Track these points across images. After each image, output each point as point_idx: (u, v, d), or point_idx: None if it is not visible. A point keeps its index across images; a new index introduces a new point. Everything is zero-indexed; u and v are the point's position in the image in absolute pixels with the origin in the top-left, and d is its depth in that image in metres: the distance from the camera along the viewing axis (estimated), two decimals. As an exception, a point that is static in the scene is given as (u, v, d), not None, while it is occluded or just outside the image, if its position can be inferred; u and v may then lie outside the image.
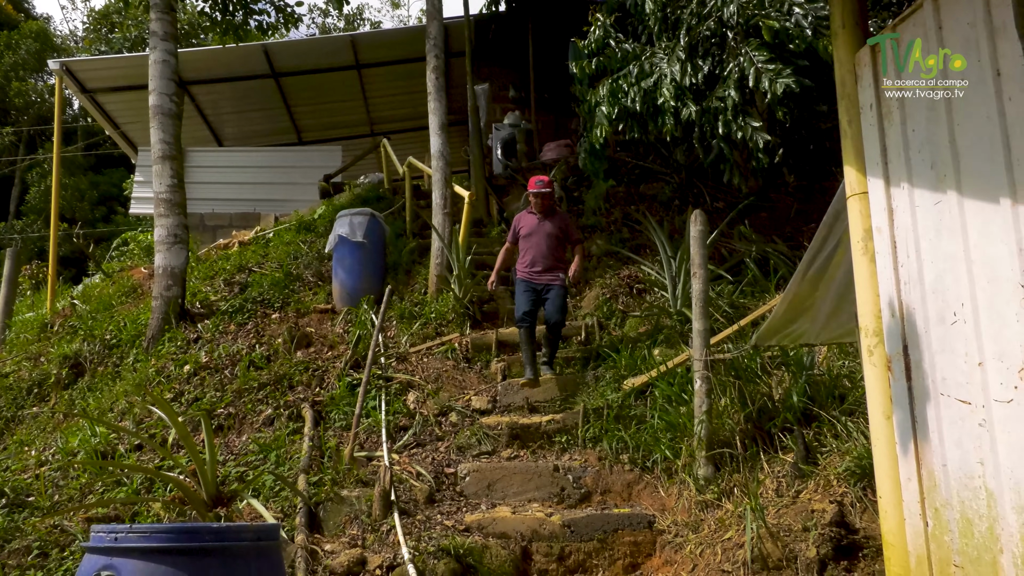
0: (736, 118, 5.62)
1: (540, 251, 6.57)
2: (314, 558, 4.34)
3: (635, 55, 6.15)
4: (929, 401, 2.76)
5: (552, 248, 6.60)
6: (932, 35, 2.68)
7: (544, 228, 6.63)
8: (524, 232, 6.72)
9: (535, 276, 6.54)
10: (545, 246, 6.59)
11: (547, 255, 6.56)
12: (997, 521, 2.46)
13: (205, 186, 12.61)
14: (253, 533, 2.43)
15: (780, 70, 5.38)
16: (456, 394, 6.36)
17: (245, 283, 8.59)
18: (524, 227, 6.73)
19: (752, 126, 5.58)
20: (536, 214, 6.72)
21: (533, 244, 6.61)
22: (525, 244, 6.68)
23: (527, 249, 6.65)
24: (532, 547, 4.64)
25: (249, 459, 5.43)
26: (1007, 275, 2.41)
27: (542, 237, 6.61)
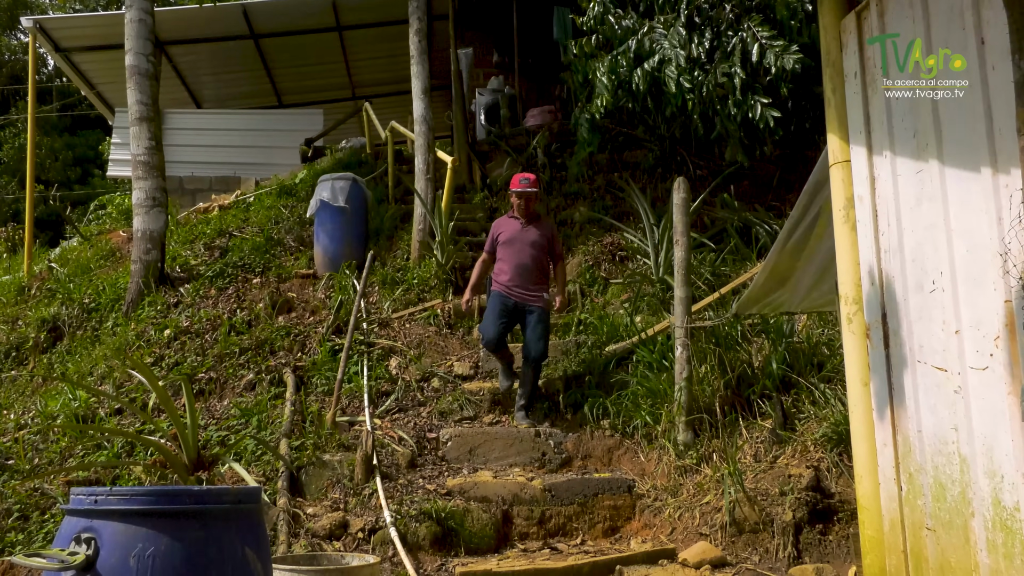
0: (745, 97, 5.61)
1: (520, 262, 5.64)
2: (296, 521, 4.36)
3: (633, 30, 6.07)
4: (906, 368, 2.79)
5: (535, 260, 5.68)
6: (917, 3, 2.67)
7: (527, 236, 5.72)
8: (504, 238, 5.76)
9: (512, 291, 5.62)
10: (527, 257, 5.65)
11: (529, 268, 5.64)
12: (969, 486, 2.51)
13: (184, 149, 12.42)
14: (234, 496, 2.43)
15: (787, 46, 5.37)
16: (438, 360, 6.38)
17: (226, 248, 8.51)
18: (504, 233, 5.80)
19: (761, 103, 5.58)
20: (518, 218, 5.79)
21: (513, 253, 5.69)
22: (504, 252, 5.74)
23: (505, 259, 5.71)
24: (513, 511, 4.69)
25: (231, 424, 5.43)
26: (986, 244, 2.44)
27: (524, 246, 5.69)
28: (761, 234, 7.16)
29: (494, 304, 5.67)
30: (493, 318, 5.63)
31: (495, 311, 5.64)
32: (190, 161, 12.52)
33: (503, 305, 5.62)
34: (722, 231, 7.50)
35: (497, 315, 5.62)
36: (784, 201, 7.97)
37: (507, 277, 5.66)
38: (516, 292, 5.62)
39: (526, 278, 5.64)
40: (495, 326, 5.60)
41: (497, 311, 5.63)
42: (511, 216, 5.89)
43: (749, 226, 7.39)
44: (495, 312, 5.63)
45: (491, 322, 5.62)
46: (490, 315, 5.67)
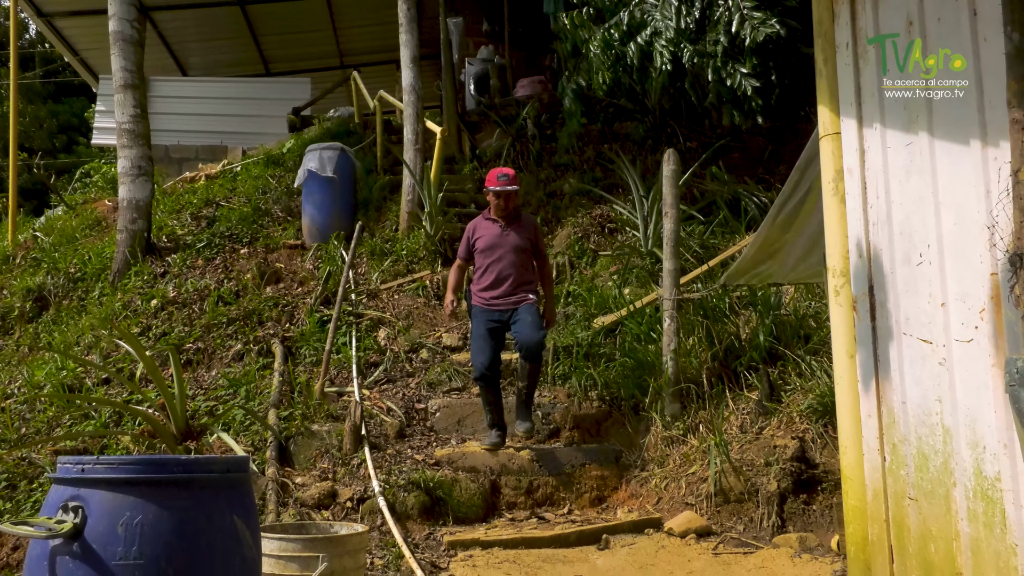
0: (725, 64, 5.59)
1: (503, 271, 4.99)
2: (285, 490, 4.38)
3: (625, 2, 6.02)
4: (892, 340, 2.81)
5: (519, 266, 5.03)
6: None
7: (508, 240, 5.04)
8: (482, 244, 5.08)
9: (498, 303, 4.97)
10: (510, 264, 5.01)
11: (514, 277, 5.00)
12: (952, 456, 2.54)
13: (170, 117, 12.27)
14: (223, 465, 2.44)
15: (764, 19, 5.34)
16: (427, 331, 6.38)
17: (213, 217, 8.45)
18: (482, 238, 5.10)
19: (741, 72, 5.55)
20: (496, 220, 5.10)
21: (494, 262, 5.02)
22: (483, 260, 5.06)
23: (486, 267, 5.04)
24: (501, 481, 4.72)
25: (219, 394, 5.43)
26: (973, 217, 2.44)
27: (506, 252, 5.02)
28: (750, 207, 7.16)
29: (479, 324, 4.98)
30: (481, 342, 4.91)
31: (482, 333, 4.94)
32: (176, 130, 12.38)
33: (489, 321, 4.97)
34: (711, 203, 7.50)
35: (485, 337, 4.92)
36: (773, 174, 7.97)
37: (489, 289, 5.02)
38: (501, 303, 4.99)
39: (512, 287, 5.00)
40: (486, 352, 4.88)
41: (484, 332, 4.94)
42: (487, 217, 5.17)
43: (738, 199, 7.38)
44: (482, 334, 4.93)
45: (480, 347, 4.90)
46: (477, 339, 4.95)
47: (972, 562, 2.45)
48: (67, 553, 2.15)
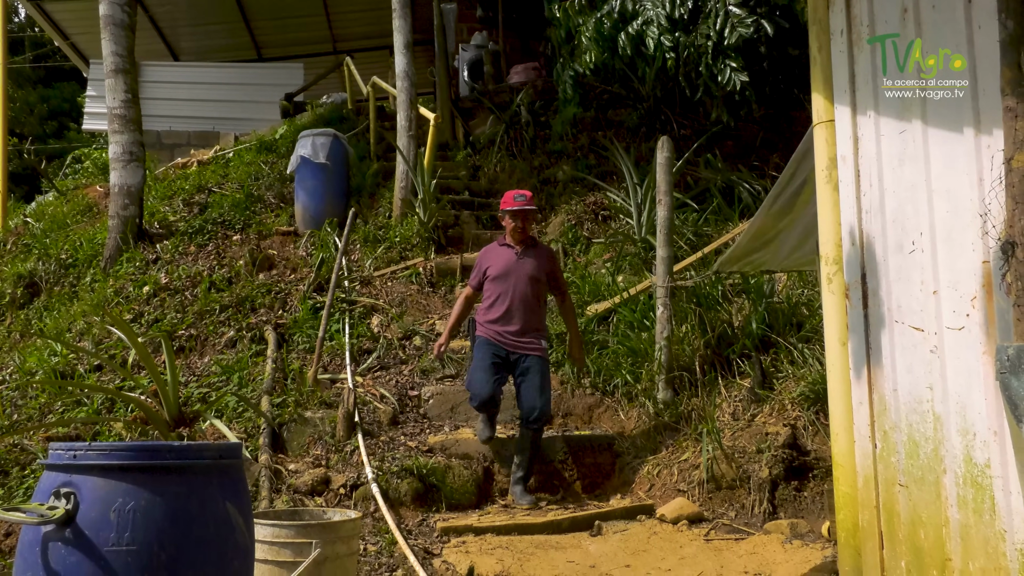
0: (716, 60, 5.60)
1: (515, 302, 4.66)
2: (278, 477, 4.39)
3: None
4: (884, 328, 2.82)
5: (533, 298, 4.71)
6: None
7: (523, 268, 4.71)
8: (494, 272, 4.75)
9: (505, 337, 4.65)
10: (523, 295, 4.67)
11: (525, 310, 4.67)
12: (942, 443, 2.56)
13: (161, 102, 12.18)
14: (215, 451, 2.44)
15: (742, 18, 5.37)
16: (420, 318, 6.37)
17: (205, 204, 8.41)
18: (494, 265, 4.77)
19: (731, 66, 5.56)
20: (512, 246, 4.79)
21: (506, 291, 4.68)
22: (494, 289, 4.73)
23: (496, 296, 4.71)
24: (494, 467, 4.74)
25: (211, 380, 5.42)
26: (966, 205, 2.44)
27: (520, 281, 4.69)
28: (744, 194, 7.16)
29: (483, 354, 4.66)
30: (484, 373, 4.60)
31: (485, 363, 4.63)
32: (168, 115, 12.30)
33: (495, 356, 4.64)
34: (705, 191, 7.50)
35: (489, 368, 4.61)
36: (767, 162, 7.96)
37: (499, 320, 4.68)
38: (509, 339, 4.65)
39: (522, 321, 4.66)
40: (488, 383, 4.56)
41: (488, 363, 4.62)
42: (503, 244, 4.85)
43: (732, 186, 7.38)
44: (485, 364, 4.62)
45: (482, 378, 4.59)
46: (480, 369, 4.64)
47: (961, 548, 2.47)
48: (59, 539, 2.15)
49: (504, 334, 4.67)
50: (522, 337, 4.66)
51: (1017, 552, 2.27)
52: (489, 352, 4.67)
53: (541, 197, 8.14)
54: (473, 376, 4.68)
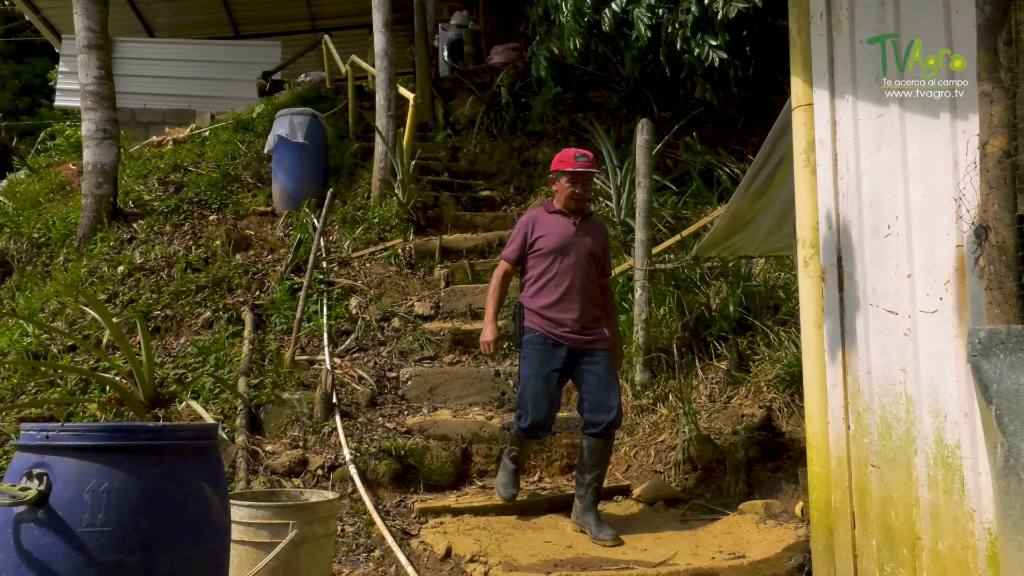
0: (695, 35, 5.57)
1: (576, 283, 3.89)
2: (255, 458, 4.37)
3: None
4: (859, 311, 2.85)
5: (591, 284, 3.97)
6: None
7: (584, 243, 3.96)
8: (550, 244, 3.94)
9: (565, 336, 3.84)
10: (583, 276, 3.92)
11: (587, 294, 3.92)
12: (914, 424, 2.60)
13: (136, 79, 12.00)
14: (191, 432, 2.42)
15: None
16: (399, 300, 6.35)
17: (181, 183, 8.31)
18: (548, 235, 3.96)
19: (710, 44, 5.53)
20: (567, 215, 4.01)
21: (565, 269, 3.90)
22: (547, 266, 3.92)
23: (551, 276, 3.91)
24: (472, 448, 4.75)
25: (188, 361, 5.38)
26: (941, 189, 2.47)
27: (581, 258, 3.93)
28: (723, 177, 7.18)
29: (540, 360, 3.82)
30: (540, 387, 3.79)
31: (543, 373, 3.79)
32: (142, 92, 12.12)
33: (554, 359, 3.83)
34: (685, 174, 7.52)
35: (550, 377, 3.80)
36: (747, 145, 7.99)
37: (554, 306, 3.86)
38: (570, 335, 3.83)
39: (584, 307, 3.89)
40: (545, 401, 3.78)
41: (548, 370, 3.80)
42: (553, 211, 4.04)
43: (711, 169, 7.40)
44: (543, 374, 3.80)
45: (540, 391, 3.78)
46: (536, 379, 3.80)
47: (931, 527, 2.51)
48: (32, 520, 2.13)
49: (563, 331, 3.84)
50: (585, 327, 3.88)
51: (985, 531, 2.31)
52: (547, 355, 3.81)
53: (521, 179, 8.13)
54: (528, 387, 3.80)
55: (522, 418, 3.85)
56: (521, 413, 3.87)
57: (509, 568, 3.36)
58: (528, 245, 4.01)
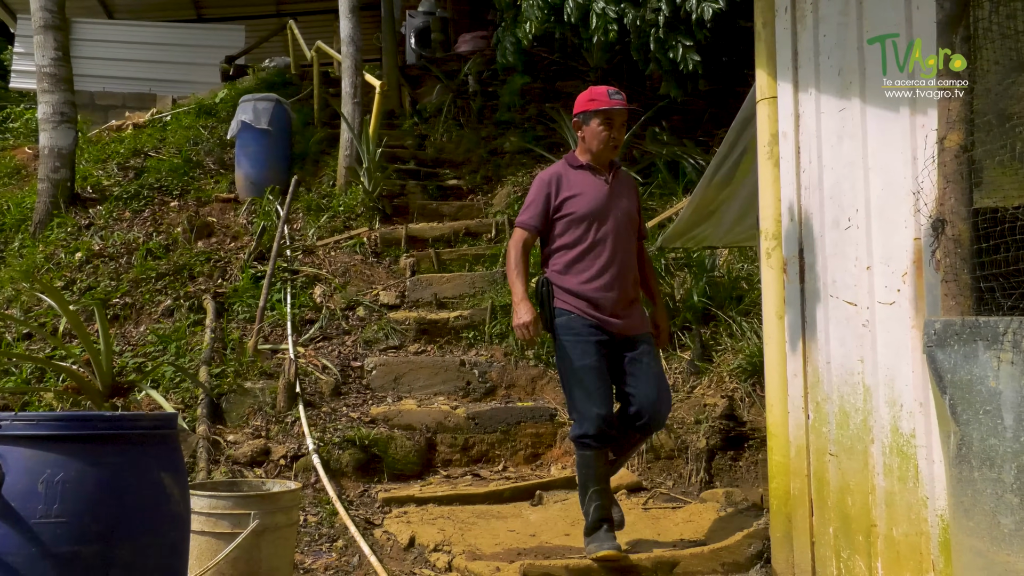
0: (668, 36, 5.58)
1: (616, 254, 3.25)
2: (216, 448, 4.32)
3: None
4: (819, 302, 2.89)
5: (631, 253, 3.36)
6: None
7: (620, 204, 3.32)
8: (581, 207, 3.24)
9: (609, 318, 3.20)
10: (625, 245, 3.31)
11: (626, 267, 3.30)
12: (871, 414, 2.64)
13: (95, 62, 11.73)
14: (150, 421, 2.39)
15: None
16: (364, 289, 6.31)
17: (141, 168, 8.16)
18: (579, 196, 3.26)
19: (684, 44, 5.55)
20: (596, 171, 3.33)
21: (603, 237, 3.24)
22: (579, 235, 3.23)
23: (586, 245, 3.23)
24: (437, 438, 4.74)
25: (147, 350, 5.30)
26: (900, 182, 2.51)
27: (621, 223, 3.29)
28: (688, 169, 7.23)
29: (583, 344, 3.14)
30: (595, 378, 3.11)
31: (593, 363, 3.12)
32: (101, 75, 11.85)
33: (600, 343, 3.17)
34: (651, 165, 7.55)
35: (600, 368, 3.13)
36: (713, 137, 8.04)
37: (591, 282, 3.18)
38: (611, 319, 3.20)
39: (626, 283, 3.26)
40: (604, 394, 3.13)
41: (596, 360, 3.13)
42: (579, 166, 3.34)
43: (677, 161, 7.45)
44: (594, 364, 3.13)
45: (594, 385, 3.11)
46: (585, 371, 3.12)
47: (886, 514, 2.57)
48: (-16, 512, 2.09)
49: (603, 307, 3.17)
50: (627, 309, 3.25)
51: (938, 518, 2.37)
52: (592, 341, 3.14)
53: (489, 168, 8.10)
54: (579, 381, 3.12)
55: (578, 424, 3.07)
56: (579, 418, 3.08)
57: (473, 557, 3.36)
58: (553, 209, 3.25)
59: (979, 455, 1.92)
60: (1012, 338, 1.83)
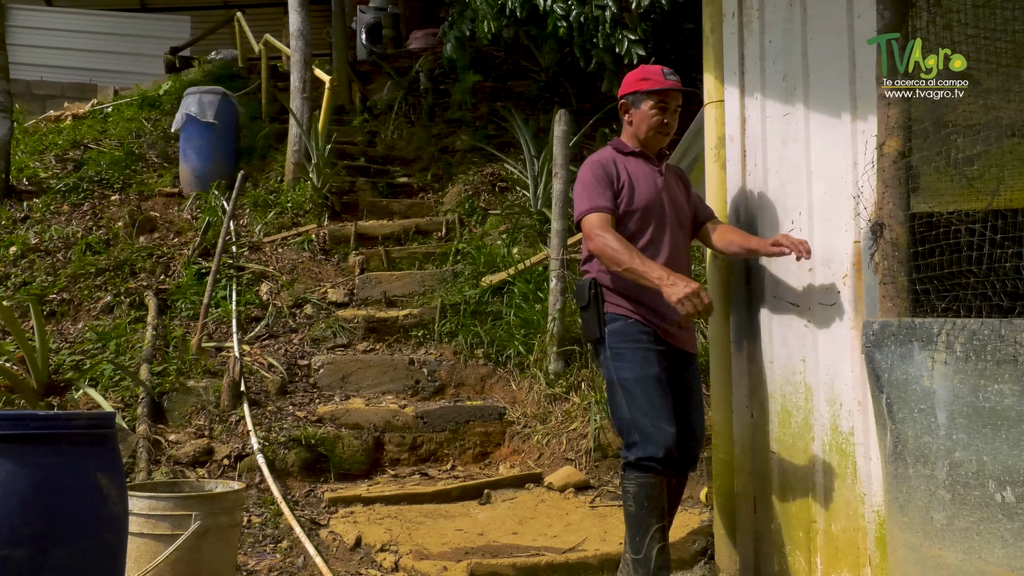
0: (614, 31, 5.64)
1: (672, 255, 2.83)
2: (157, 448, 4.22)
3: None
4: (763, 303, 2.94)
5: (688, 253, 3.01)
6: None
7: (676, 198, 2.92)
8: (638, 202, 2.81)
9: (669, 327, 2.80)
10: (681, 245, 2.92)
11: (683, 266, 2.90)
12: (812, 412, 2.70)
13: (32, 50, 11.37)
14: (86, 421, 2.32)
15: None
16: (312, 286, 6.23)
17: (81, 160, 7.93)
18: (636, 189, 2.82)
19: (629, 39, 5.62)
20: (649, 160, 2.92)
21: (657, 238, 2.83)
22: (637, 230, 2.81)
23: (643, 246, 2.77)
24: (385, 437, 4.70)
25: (86, 348, 5.15)
26: (841, 187, 2.57)
27: (676, 220, 2.89)
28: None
29: (642, 354, 2.72)
30: (659, 392, 2.68)
31: (652, 373, 2.69)
32: (39, 64, 11.50)
33: (661, 354, 2.77)
34: (601, 166, 7.60)
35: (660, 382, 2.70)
36: (661, 139, 8.13)
37: (654, 292, 2.65)
38: (671, 329, 2.82)
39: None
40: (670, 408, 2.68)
41: (659, 371, 2.71)
42: (628, 151, 2.92)
43: (627, 162, 7.50)
44: (653, 374, 2.70)
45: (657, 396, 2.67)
46: (645, 383, 2.68)
47: (825, 510, 2.63)
48: (-93, 515, 2.00)
49: (662, 315, 2.76)
50: (685, 330, 2.89)
51: (874, 513, 2.43)
52: (654, 350, 2.74)
53: (439, 166, 8.07)
54: (637, 395, 2.67)
55: (641, 445, 2.63)
56: (642, 437, 2.63)
57: (420, 556, 3.35)
58: (618, 194, 2.82)
59: (913, 452, 1.98)
60: (946, 339, 1.89)
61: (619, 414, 2.72)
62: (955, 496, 1.84)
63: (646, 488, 2.63)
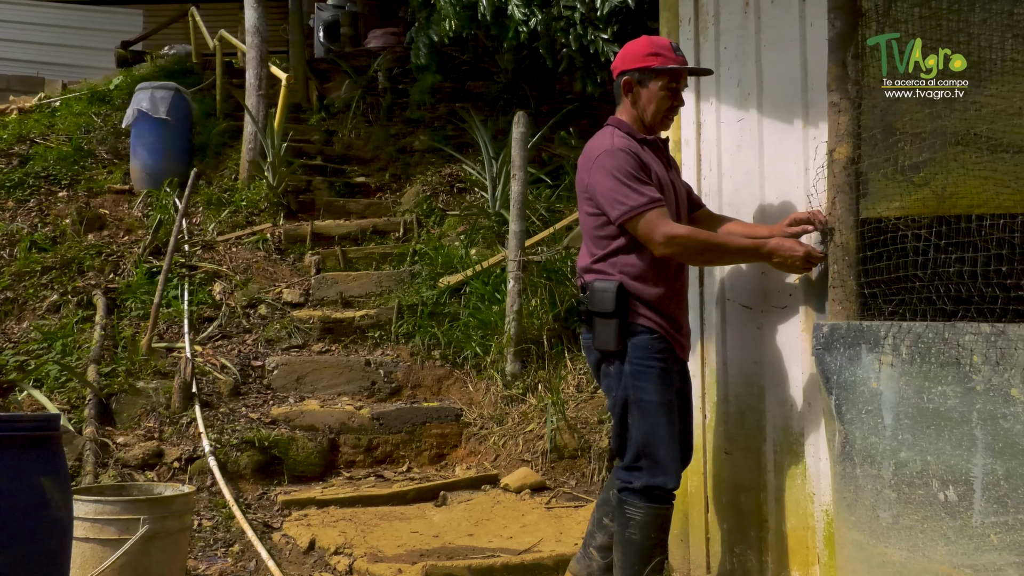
0: (586, 31, 5.70)
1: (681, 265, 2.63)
2: (105, 451, 4.13)
3: None
4: (717, 306, 2.98)
5: None
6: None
7: (681, 193, 2.73)
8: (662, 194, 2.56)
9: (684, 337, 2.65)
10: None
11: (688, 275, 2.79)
12: (764, 414, 2.75)
13: (-24, 41, 11.06)
14: (30, 423, 2.27)
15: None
16: (267, 286, 6.14)
17: (27, 156, 7.71)
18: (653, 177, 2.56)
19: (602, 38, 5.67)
20: (658, 148, 2.70)
21: None
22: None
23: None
24: (340, 439, 4.66)
25: (31, 348, 5.01)
26: (794, 192, 2.62)
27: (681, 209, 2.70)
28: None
29: (667, 376, 2.53)
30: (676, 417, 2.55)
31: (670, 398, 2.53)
32: (-17, 55, 11.16)
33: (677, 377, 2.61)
34: (559, 168, 7.63)
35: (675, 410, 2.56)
36: (619, 142, 8.19)
37: (676, 303, 2.59)
38: (685, 340, 2.66)
39: (687, 295, 2.74)
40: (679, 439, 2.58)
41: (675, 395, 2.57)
42: (641, 138, 2.64)
43: (585, 165, 7.54)
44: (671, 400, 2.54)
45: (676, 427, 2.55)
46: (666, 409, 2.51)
47: (776, 510, 2.67)
48: None
49: (681, 327, 2.63)
50: (687, 327, 2.73)
51: (823, 512, 2.48)
52: (674, 370, 2.58)
53: (397, 166, 8.02)
54: (660, 422, 2.49)
55: (650, 472, 2.48)
56: (645, 465, 2.48)
57: (374, 559, 3.32)
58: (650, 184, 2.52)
59: (861, 452, 2.02)
60: (892, 342, 1.93)
61: (629, 435, 2.52)
62: (900, 495, 1.88)
63: (658, 520, 2.51)
